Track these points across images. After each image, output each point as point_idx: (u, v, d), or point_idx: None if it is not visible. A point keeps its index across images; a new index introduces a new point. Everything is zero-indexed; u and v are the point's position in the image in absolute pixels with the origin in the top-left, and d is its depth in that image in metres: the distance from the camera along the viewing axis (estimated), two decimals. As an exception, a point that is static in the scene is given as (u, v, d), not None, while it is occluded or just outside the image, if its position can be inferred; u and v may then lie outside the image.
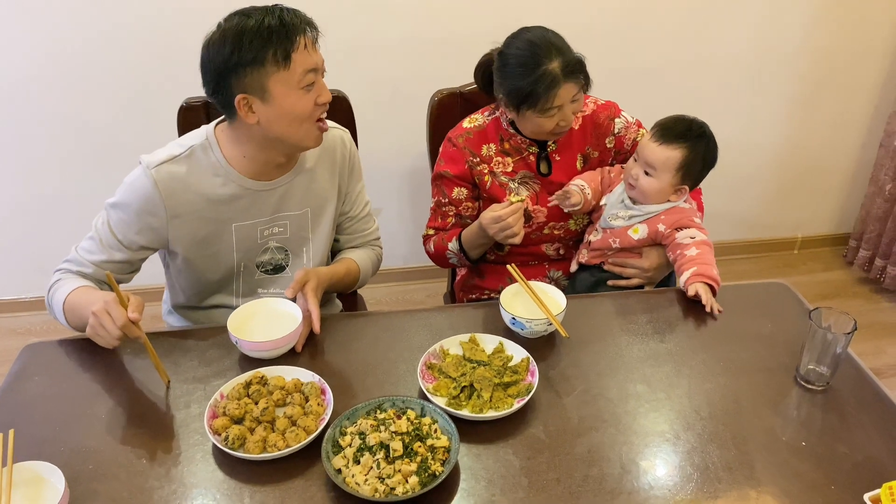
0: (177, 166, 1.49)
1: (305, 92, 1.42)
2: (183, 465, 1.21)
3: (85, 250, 1.55)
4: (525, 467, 1.19)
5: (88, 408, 1.33)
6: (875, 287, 3.15)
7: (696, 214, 1.72)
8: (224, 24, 1.40)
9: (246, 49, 1.35)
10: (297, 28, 1.38)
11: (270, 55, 1.36)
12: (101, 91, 2.54)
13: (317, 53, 1.44)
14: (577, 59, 1.63)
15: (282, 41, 1.36)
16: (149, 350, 1.36)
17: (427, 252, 1.92)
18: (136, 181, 1.49)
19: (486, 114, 1.84)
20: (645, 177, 1.67)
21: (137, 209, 1.50)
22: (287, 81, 1.39)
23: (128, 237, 1.52)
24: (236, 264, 1.63)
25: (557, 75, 1.59)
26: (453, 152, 1.82)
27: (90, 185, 2.69)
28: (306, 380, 1.34)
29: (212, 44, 1.40)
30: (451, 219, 1.87)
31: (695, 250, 1.64)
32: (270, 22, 1.36)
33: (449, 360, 1.38)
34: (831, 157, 3.18)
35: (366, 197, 1.80)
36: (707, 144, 1.68)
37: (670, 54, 2.79)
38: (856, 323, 1.32)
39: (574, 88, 1.63)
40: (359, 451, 1.17)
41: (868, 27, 2.86)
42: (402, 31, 2.59)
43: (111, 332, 1.32)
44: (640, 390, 1.36)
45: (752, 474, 1.18)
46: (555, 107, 1.63)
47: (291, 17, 1.39)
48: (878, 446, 1.23)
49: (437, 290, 3.07)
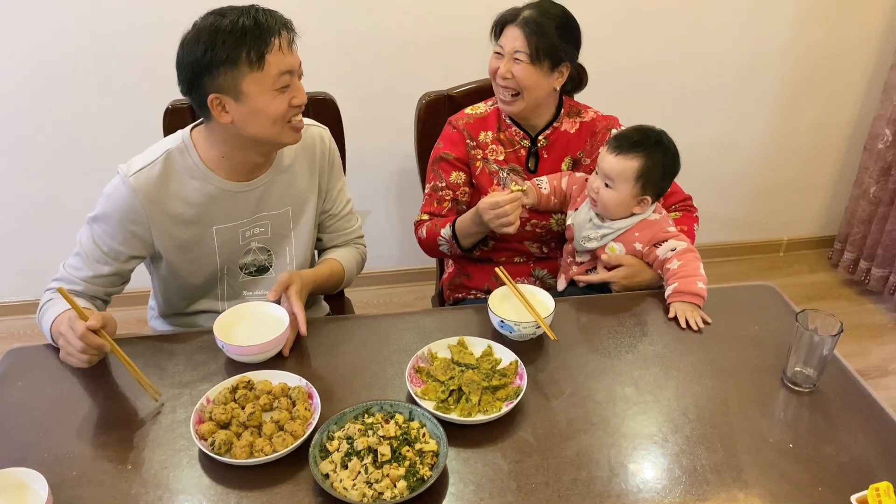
0: (154, 172, 1.48)
1: (279, 93, 1.41)
2: (169, 470, 1.19)
3: (72, 267, 1.53)
4: (514, 471, 1.19)
5: (72, 413, 1.32)
6: (860, 289, 3.17)
7: (669, 223, 1.69)
8: (199, 23, 1.39)
9: (219, 48, 1.34)
10: (272, 29, 1.37)
11: (244, 55, 1.35)
12: (85, 92, 2.52)
13: (293, 55, 1.42)
14: (541, 23, 1.66)
15: (255, 41, 1.35)
16: (127, 365, 1.33)
17: (418, 238, 1.90)
18: (115, 191, 1.48)
19: (490, 103, 1.87)
20: (605, 189, 1.64)
21: (119, 219, 1.48)
22: (261, 82, 1.38)
23: (113, 249, 1.51)
24: (219, 267, 1.61)
25: (515, 16, 1.68)
26: (454, 135, 1.83)
27: (73, 188, 2.67)
28: (293, 384, 1.33)
29: (186, 42, 1.39)
30: (448, 203, 1.86)
31: (676, 262, 1.62)
32: (245, 22, 1.35)
33: (437, 364, 1.38)
34: (816, 160, 3.20)
35: (347, 195, 1.79)
36: (665, 152, 1.64)
37: (657, 55, 2.80)
38: (842, 325, 1.32)
39: (517, 39, 1.67)
40: (347, 456, 1.17)
41: (852, 30, 2.88)
42: (390, 32, 2.58)
43: (74, 345, 1.33)
44: (628, 393, 1.36)
45: (740, 476, 1.18)
46: (499, 45, 1.71)
47: (267, 18, 1.38)
48: (865, 448, 1.24)
49: (425, 293, 3.06)
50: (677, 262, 1.62)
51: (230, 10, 1.38)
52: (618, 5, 2.67)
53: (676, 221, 1.80)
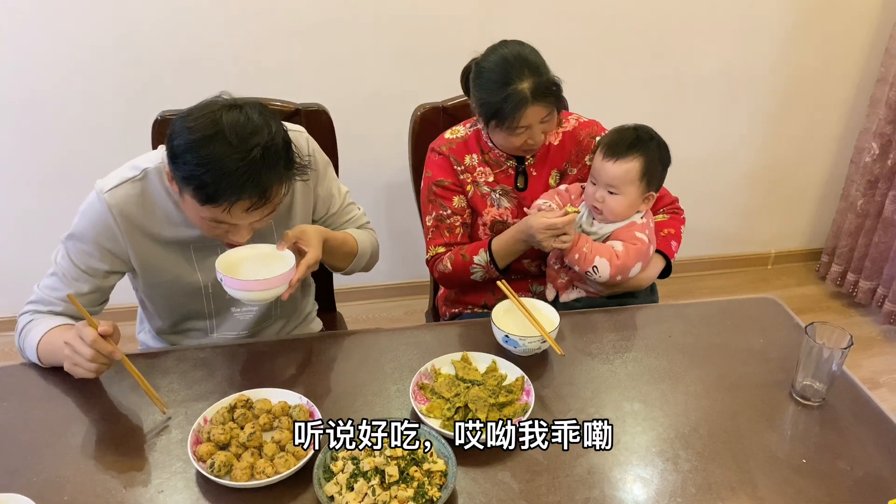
0: (131, 189, 1.42)
1: (214, 225, 1.35)
2: (166, 494, 1.14)
3: (49, 288, 1.46)
4: (524, 490, 1.15)
5: (62, 434, 1.26)
6: (848, 301, 3.18)
7: (642, 228, 1.69)
8: (216, 123, 1.26)
9: (209, 186, 1.25)
10: (266, 203, 1.30)
11: (218, 199, 1.26)
12: (70, 107, 2.47)
13: (256, 216, 1.33)
14: (550, 80, 1.61)
15: (237, 202, 1.26)
16: (135, 375, 1.30)
17: (440, 272, 1.81)
18: (90, 208, 1.42)
19: (468, 125, 1.82)
20: (611, 196, 1.64)
21: (94, 237, 1.43)
22: (198, 212, 1.31)
23: (91, 266, 1.45)
24: (202, 286, 1.56)
25: (526, 96, 1.57)
26: (440, 161, 1.78)
27: (53, 202, 2.59)
28: (293, 402, 1.29)
29: (178, 132, 1.28)
30: (459, 229, 1.80)
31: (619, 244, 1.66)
32: (249, 187, 1.25)
33: (441, 380, 1.34)
34: (803, 174, 3.22)
35: (342, 188, 1.71)
36: (658, 145, 1.66)
37: (645, 72, 2.80)
38: (851, 338, 1.31)
39: (543, 111, 1.61)
40: (352, 477, 1.12)
41: (838, 46, 2.91)
42: (385, 44, 2.56)
43: (83, 353, 1.26)
44: (636, 408, 1.33)
45: (755, 493, 1.16)
46: (521, 126, 1.61)
47: (271, 184, 1.29)
48: (878, 462, 1.22)
49: (416, 307, 3.02)
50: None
51: (244, 140, 1.25)
52: (606, 21, 2.67)
53: (664, 224, 1.80)
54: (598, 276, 1.64)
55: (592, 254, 1.63)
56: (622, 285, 1.74)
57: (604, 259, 1.63)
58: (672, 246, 1.79)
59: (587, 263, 1.63)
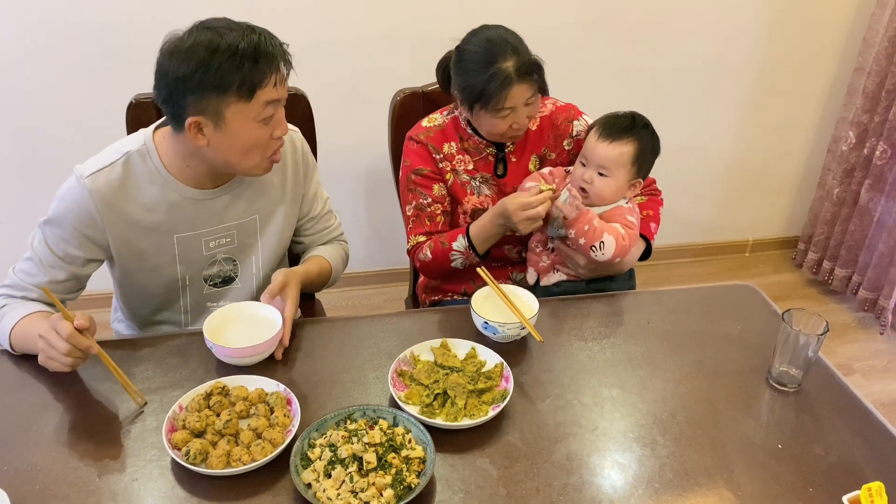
0: (113, 175, 1.39)
1: (263, 125, 1.34)
2: (140, 482, 1.13)
3: (24, 273, 1.43)
4: (503, 476, 1.15)
5: (34, 424, 1.24)
6: (823, 289, 3.22)
7: (631, 212, 1.70)
8: (193, 36, 1.27)
9: (212, 72, 1.25)
10: (271, 64, 1.29)
11: (235, 85, 1.27)
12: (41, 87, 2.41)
13: (283, 89, 1.35)
14: (532, 60, 1.60)
15: (251, 73, 1.27)
16: (112, 369, 1.28)
17: (420, 262, 1.80)
18: (69, 193, 1.39)
19: (445, 113, 1.81)
20: (600, 178, 1.64)
21: (73, 223, 1.39)
22: (246, 113, 1.31)
23: (68, 253, 1.42)
24: (180, 277, 1.53)
25: (511, 75, 1.56)
26: (419, 149, 1.77)
27: (31, 190, 2.55)
28: (270, 389, 1.28)
29: (174, 52, 1.28)
30: (440, 217, 1.79)
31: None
32: (244, 48, 1.26)
33: (420, 367, 1.34)
34: (781, 162, 3.24)
35: (324, 194, 1.73)
36: (651, 134, 1.67)
37: (624, 60, 2.80)
38: (828, 324, 1.32)
39: (528, 91, 1.60)
40: (330, 464, 1.12)
41: (816, 35, 2.92)
42: (363, 27, 2.53)
43: (59, 348, 1.23)
44: (614, 394, 1.34)
45: (732, 478, 1.17)
46: (507, 107, 1.60)
47: (268, 47, 1.29)
48: (851, 447, 1.24)
49: (395, 294, 3.01)
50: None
51: (228, 30, 1.27)
52: (586, 10, 2.67)
53: (642, 206, 1.80)
54: (601, 254, 1.63)
55: (602, 229, 1.62)
56: (606, 268, 1.73)
57: (612, 237, 1.62)
58: (651, 228, 1.80)
59: (595, 237, 1.61)
